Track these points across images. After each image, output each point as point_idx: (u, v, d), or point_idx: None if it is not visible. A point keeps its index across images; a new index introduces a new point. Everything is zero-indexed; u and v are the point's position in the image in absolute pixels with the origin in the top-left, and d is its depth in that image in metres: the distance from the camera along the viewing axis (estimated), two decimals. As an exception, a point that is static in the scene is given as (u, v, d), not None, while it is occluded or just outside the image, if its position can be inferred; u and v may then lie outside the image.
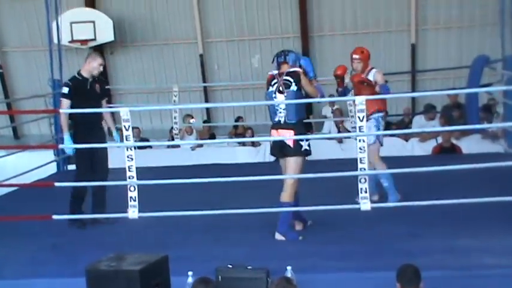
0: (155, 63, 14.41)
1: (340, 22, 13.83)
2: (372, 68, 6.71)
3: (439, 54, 13.72)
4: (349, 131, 9.55)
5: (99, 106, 6.53)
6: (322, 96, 6.04)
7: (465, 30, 13.56)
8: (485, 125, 9.42)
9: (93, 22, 13.19)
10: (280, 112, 5.68)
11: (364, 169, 5.35)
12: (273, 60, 5.93)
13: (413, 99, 13.60)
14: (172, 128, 9.99)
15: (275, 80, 5.78)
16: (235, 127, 12.68)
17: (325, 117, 12.94)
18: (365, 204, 5.40)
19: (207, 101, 14.28)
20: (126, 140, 5.49)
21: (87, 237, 5.99)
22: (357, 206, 5.50)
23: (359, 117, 5.34)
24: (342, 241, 5.53)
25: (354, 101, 5.63)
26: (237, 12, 13.95)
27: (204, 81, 14.12)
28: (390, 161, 6.67)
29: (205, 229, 5.97)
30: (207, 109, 14.40)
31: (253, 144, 11.33)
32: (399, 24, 13.70)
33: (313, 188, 6.46)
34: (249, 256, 5.10)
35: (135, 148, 5.61)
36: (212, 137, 12.39)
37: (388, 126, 10.99)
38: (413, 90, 13.59)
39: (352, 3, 13.70)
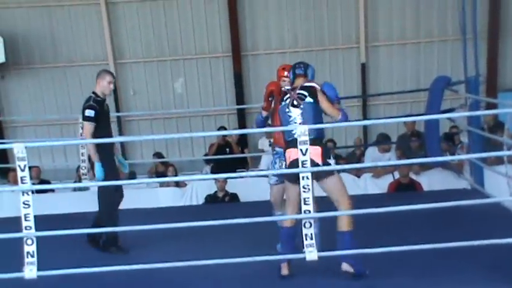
0: (57, 89, 14.26)
1: (277, 39, 14.04)
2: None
3: (393, 75, 14.05)
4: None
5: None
6: (346, 119, 6.05)
7: (422, 46, 13.95)
8: (447, 157, 9.59)
9: (-21, 40, 13.02)
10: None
11: (309, 211, 5.37)
12: (290, 72, 6.11)
13: (365, 128, 13.84)
14: (79, 166, 9.85)
15: (288, 95, 5.92)
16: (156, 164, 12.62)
17: (263, 151, 13.01)
18: (311, 253, 5.40)
19: (121, 133, 14.17)
20: (22, 182, 5.37)
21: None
22: (301, 256, 5.50)
23: (301, 150, 5.38)
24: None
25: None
26: (156, 29, 13.98)
27: (118, 110, 14.02)
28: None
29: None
30: (122, 143, 14.28)
31: (178, 184, 11.27)
32: (347, 41, 13.99)
33: (254, 234, 6.47)
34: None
35: (33, 192, 5.50)
36: (132, 176, 12.27)
37: (336, 159, 11.14)
38: (364, 118, 13.83)
39: (291, 17, 13.93)
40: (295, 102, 5.85)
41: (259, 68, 14.10)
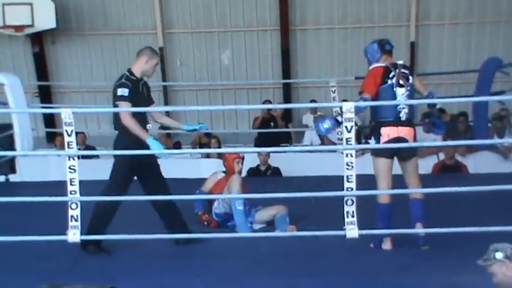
0: (105, 56, 14.37)
1: (327, 15, 13.93)
2: None
3: (443, 55, 13.88)
4: (334, 143, 9.59)
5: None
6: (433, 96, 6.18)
7: (474, 27, 13.73)
8: (495, 140, 9.49)
9: (31, 5, 13.10)
10: (403, 107, 5.92)
11: (352, 189, 5.36)
12: (380, 46, 6.02)
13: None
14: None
15: (392, 73, 5.89)
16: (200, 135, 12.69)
17: (306, 126, 12.99)
18: (352, 231, 5.40)
19: (166, 103, 14.26)
20: (69, 147, 5.46)
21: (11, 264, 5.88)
22: (342, 233, 5.51)
23: (346, 127, 5.36)
24: (323, 272, 5.55)
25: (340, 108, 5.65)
26: (205, 0, 13.97)
27: (164, 80, 14.09)
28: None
29: (163, 255, 5.95)
30: (167, 113, 14.36)
31: (221, 156, 11.31)
32: (397, 19, 13.84)
33: (292, 210, 6.49)
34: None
35: (78, 157, 5.59)
36: (177, 146, 12.35)
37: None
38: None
39: (342, -7, 13.81)
40: (401, 82, 5.87)
41: (307, 43, 14.03)
